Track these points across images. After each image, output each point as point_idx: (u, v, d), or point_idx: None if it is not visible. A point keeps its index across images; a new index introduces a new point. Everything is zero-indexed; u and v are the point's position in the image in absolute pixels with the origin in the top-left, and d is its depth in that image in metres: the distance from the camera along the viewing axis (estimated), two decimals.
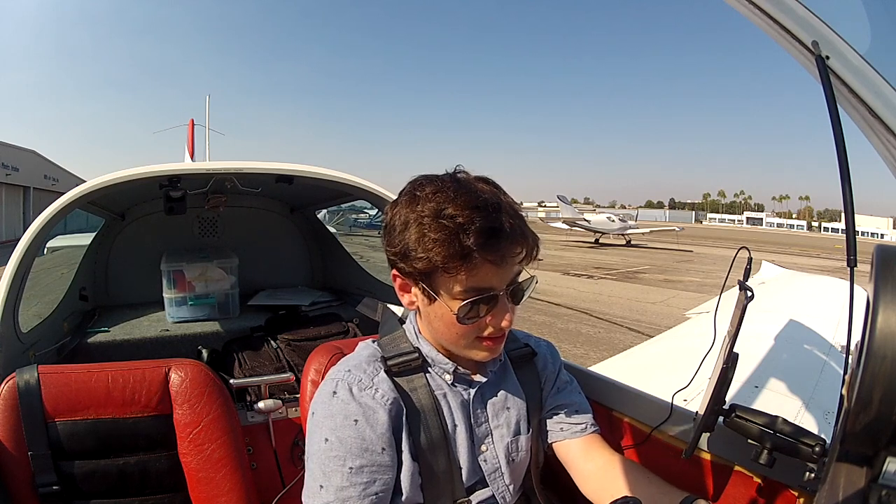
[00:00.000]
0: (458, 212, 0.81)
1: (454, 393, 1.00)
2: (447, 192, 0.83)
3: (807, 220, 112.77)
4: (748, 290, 0.88)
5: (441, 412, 0.96)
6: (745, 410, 0.99)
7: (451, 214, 0.81)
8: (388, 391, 0.93)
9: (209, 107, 8.62)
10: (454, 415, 0.98)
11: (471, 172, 0.92)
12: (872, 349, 0.56)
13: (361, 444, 0.87)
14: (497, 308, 0.88)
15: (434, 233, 0.81)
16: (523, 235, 0.85)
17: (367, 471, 0.86)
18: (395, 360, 0.97)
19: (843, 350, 1.29)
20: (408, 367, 0.97)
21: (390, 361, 0.97)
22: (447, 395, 0.99)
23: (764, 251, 25.76)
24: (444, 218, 0.81)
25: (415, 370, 0.97)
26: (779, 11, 0.81)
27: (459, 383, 1.00)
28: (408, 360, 0.97)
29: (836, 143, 0.78)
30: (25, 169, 23.36)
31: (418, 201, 0.84)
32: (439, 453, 0.95)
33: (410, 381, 0.96)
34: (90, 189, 1.67)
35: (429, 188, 0.85)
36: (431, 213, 0.82)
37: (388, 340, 1.03)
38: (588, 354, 6.76)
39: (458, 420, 0.98)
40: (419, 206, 0.84)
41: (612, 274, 15.96)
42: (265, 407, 1.64)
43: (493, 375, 1.04)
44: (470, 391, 1.00)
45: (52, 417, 1.24)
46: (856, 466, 0.68)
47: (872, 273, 0.60)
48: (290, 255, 3.23)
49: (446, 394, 0.99)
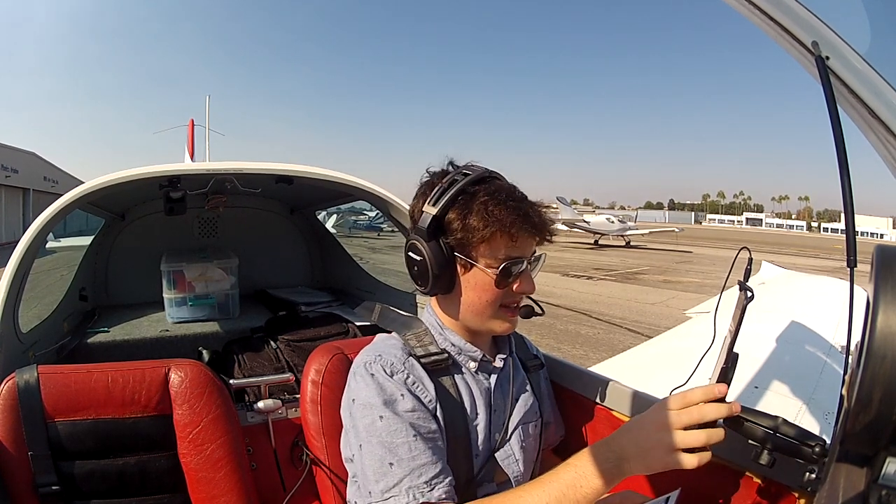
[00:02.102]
0: (505, 197, 0.98)
1: (477, 381, 1.07)
2: (492, 185, 1.01)
3: (806, 221, 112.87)
4: (748, 291, 0.88)
5: (465, 407, 1.03)
6: (745, 410, 0.99)
7: (502, 200, 0.97)
8: (421, 376, 1.00)
9: (209, 107, 8.61)
10: (476, 404, 1.05)
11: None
12: (872, 349, 0.57)
13: (414, 414, 0.94)
14: (524, 275, 1.02)
15: (492, 206, 0.96)
16: (544, 220, 1.02)
17: (429, 436, 0.94)
18: (426, 359, 1.03)
19: (843, 350, 1.29)
20: (438, 366, 1.03)
21: (423, 360, 1.03)
22: (472, 386, 1.06)
23: (764, 251, 25.75)
24: (498, 201, 0.97)
25: (444, 371, 1.04)
26: (779, 12, 0.81)
27: (482, 371, 1.09)
28: (438, 361, 1.03)
29: (836, 143, 0.78)
30: (25, 171, 23.37)
31: (475, 192, 0.99)
32: (460, 443, 1.00)
33: (441, 381, 1.03)
34: (90, 189, 1.67)
35: (479, 185, 1.00)
36: (489, 197, 0.97)
37: (412, 337, 1.07)
38: (588, 355, 6.76)
39: (479, 409, 1.05)
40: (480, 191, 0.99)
41: (611, 275, 15.96)
42: (265, 407, 1.64)
43: (508, 363, 1.12)
44: (491, 379, 1.09)
45: (51, 417, 1.24)
46: (856, 467, 0.68)
47: (872, 273, 0.60)
48: (290, 255, 3.23)
49: (471, 385, 1.06)
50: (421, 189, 1.05)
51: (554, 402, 1.29)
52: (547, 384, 1.28)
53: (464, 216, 0.97)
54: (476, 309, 1.03)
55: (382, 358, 1.00)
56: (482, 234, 0.96)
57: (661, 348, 3.24)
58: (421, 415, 0.95)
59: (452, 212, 0.98)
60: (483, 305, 1.02)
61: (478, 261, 0.99)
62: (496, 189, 0.99)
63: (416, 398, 0.97)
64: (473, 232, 0.96)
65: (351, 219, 10.93)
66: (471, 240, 0.97)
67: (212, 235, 3.01)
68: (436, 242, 0.99)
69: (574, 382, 1.34)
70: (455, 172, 1.02)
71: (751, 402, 2.06)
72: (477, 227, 0.96)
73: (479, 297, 1.01)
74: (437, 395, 1.00)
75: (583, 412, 1.31)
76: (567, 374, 1.36)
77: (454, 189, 0.98)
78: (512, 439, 1.08)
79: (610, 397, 1.29)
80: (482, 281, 1.00)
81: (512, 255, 0.99)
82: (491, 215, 0.95)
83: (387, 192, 2.07)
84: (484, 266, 0.99)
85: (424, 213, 1.00)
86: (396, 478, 0.89)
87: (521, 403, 1.12)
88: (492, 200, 0.96)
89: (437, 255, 0.99)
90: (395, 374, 0.98)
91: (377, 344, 1.08)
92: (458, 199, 0.98)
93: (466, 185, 0.98)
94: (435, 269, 0.99)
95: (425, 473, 0.90)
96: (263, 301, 2.89)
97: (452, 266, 1.00)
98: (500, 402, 1.09)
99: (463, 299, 1.02)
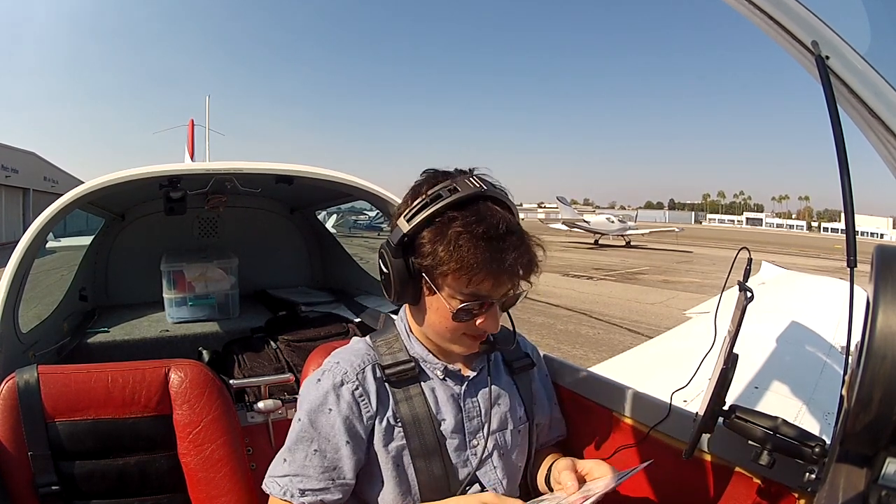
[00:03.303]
0: (481, 233, 0.89)
1: (444, 387, 1.04)
2: (475, 213, 0.91)
3: (806, 221, 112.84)
4: (748, 291, 0.88)
5: (432, 416, 1.01)
6: (745, 411, 0.99)
7: (478, 237, 0.89)
8: (370, 390, 0.99)
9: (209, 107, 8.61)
10: (442, 409, 1.02)
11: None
12: (872, 349, 0.57)
13: (329, 431, 0.96)
14: (489, 313, 0.96)
15: (464, 243, 0.89)
16: (521, 262, 0.93)
17: (329, 457, 0.96)
18: (392, 369, 1.02)
19: (843, 350, 1.29)
20: (405, 376, 1.02)
21: (388, 371, 1.01)
22: (438, 394, 1.03)
23: (764, 252, 25.76)
24: (473, 237, 0.89)
25: (411, 380, 1.02)
26: (779, 11, 0.81)
27: (449, 377, 1.05)
28: (405, 370, 1.02)
29: (836, 143, 0.78)
30: (25, 171, 23.35)
31: (454, 218, 0.91)
32: (434, 458, 1.00)
33: (407, 391, 1.01)
34: (90, 189, 1.67)
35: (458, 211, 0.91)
36: (465, 230, 0.89)
37: (382, 343, 1.06)
38: (587, 355, 6.75)
39: (447, 415, 1.02)
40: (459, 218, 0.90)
41: (611, 275, 15.96)
42: (265, 407, 1.64)
43: (484, 372, 1.08)
44: (460, 386, 1.05)
45: (51, 417, 1.24)
46: (856, 467, 0.68)
47: (872, 273, 0.60)
48: (290, 255, 3.24)
49: (438, 392, 1.03)
50: (408, 193, 0.98)
51: (555, 401, 1.26)
52: (543, 383, 1.24)
53: (434, 242, 0.90)
54: (437, 330, 0.99)
55: (339, 365, 1.00)
56: (447, 266, 0.90)
57: (660, 349, 3.24)
58: (338, 434, 0.96)
59: (426, 232, 0.91)
60: (443, 330, 0.98)
61: (442, 289, 0.94)
62: (476, 220, 0.90)
63: (348, 413, 0.96)
64: (440, 261, 0.90)
65: (351, 219, 10.92)
66: (438, 267, 0.91)
67: (212, 235, 3.01)
68: (402, 260, 0.94)
69: (574, 382, 1.35)
70: (443, 186, 0.93)
71: (751, 402, 2.07)
72: (444, 258, 0.90)
73: (439, 321, 0.97)
74: (395, 405, 0.99)
75: (583, 412, 1.31)
76: (567, 374, 1.36)
77: (431, 210, 0.91)
78: (490, 447, 1.05)
79: (610, 397, 1.29)
80: (443, 309, 0.95)
81: (479, 293, 0.92)
82: (458, 251, 0.88)
83: (387, 192, 2.08)
84: (446, 297, 0.93)
85: (397, 226, 0.94)
86: (283, 471, 0.98)
87: (500, 409, 1.08)
88: (465, 234, 0.89)
89: (401, 273, 0.94)
90: (346, 383, 0.98)
91: (344, 349, 1.07)
92: (434, 221, 0.91)
93: (446, 207, 0.90)
94: (397, 286, 0.96)
95: (305, 483, 0.96)
96: (263, 301, 2.89)
97: (418, 283, 0.95)
98: (473, 408, 1.05)
99: (427, 317, 0.99)
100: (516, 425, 1.09)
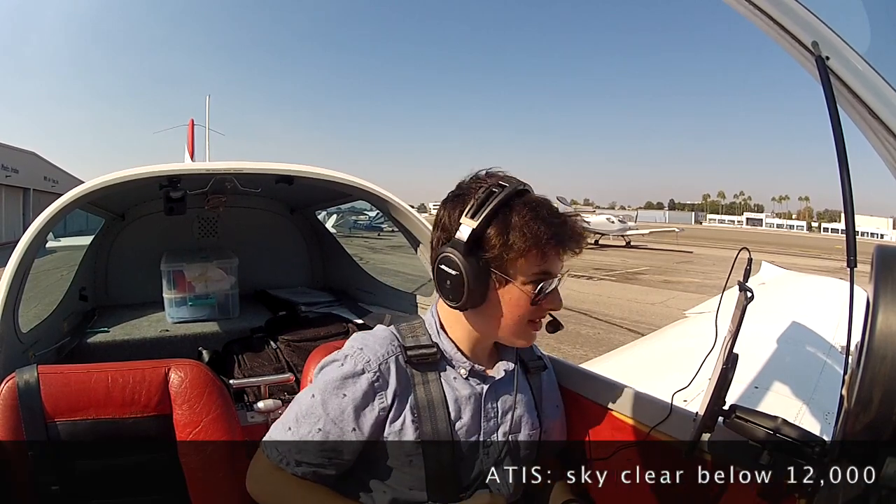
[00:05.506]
0: (546, 214, 0.98)
1: (466, 385, 1.05)
2: (530, 201, 1.00)
3: (807, 221, 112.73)
4: (748, 291, 0.88)
5: (448, 405, 1.02)
6: (745, 411, 0.99)
7: (543, 216, 0.97)
8: (390, 380, 1.00)
9: (209, 107, 8.63)
10: (461, 406, 1.03)
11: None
12: (872, 349, 0.57)
13: (338, 415, 0.98)
14: (554, 291, 1.02)
15: (533, 223, 0.96)
16: (580, 234, 1.03)
17: (332, 440, 0.99)
18: (414, 351, 1.03)
19: (843, 350, 1.29)
20: (425, 360, 1.03)
21: (410, 352, 1.03)
22: (458, 388, 1.04)
23: (764, 252, 25.74)
24: (539, 217, 0.97)
25: (431, 365, 1.04)
26: (779, 12, 0.81)
27: (473, 377, 1.06)
28: (426, 354, 1.04)
29: (836, 143, 0.78)
30: (25, 170, 23.35)
31: (514, 206, 0.98)
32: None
33: (424, 375, 1.03)
34: (90, 189, 1.67)
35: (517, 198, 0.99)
36: (529, 212, 0.97)
37: (407, 328, 1.08)
38: (587, 356, 6.74)
39: (465, 412, 1.04)
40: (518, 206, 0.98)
41: (611, 275, 15.97)
42: (265, 407, 1.64)
43: (509, 375, 1.09)
44: (483, 386, 1.06)
45: (51, 417, 1.24)
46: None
47: (872, 273, 0.60)
48: (291, 255, 3.23)
49: (458, 386, 1.04)
50: (451, 198, 1.02)
51: (561, 404, 1.26)
52: (550, 386, 1.25)
53: (504, 231, 0.96)
54: (506, 324, 1.02)
55: (363, 353, 1.01)
56: (520, 248, 0.95)
57: (660, 348, 3.24)
58: (346, 420, 0.98)
59: (492, 226, 0.96)
60: (514, 321, 1.01)
61: (515, 277, 0.98)
62: (536, 204, 0.98)
63: (362, 402, 0.98)
64: (512, 248, 0.96)
65: (351, 219, 10.94)
66: (508, 256, 0.96)
67: (212, 235, 3.01)
68: (473, 257, 0.97)
69: (574, 382, 1.34)
70: (491, 183, 0.99)
71: (751, 402, 2.06)
72: (516, 243, 0.95)
73: (511, 312, 1.00)
74: (413, 389, 1.02)
75: (583, 412, 1.31)
76: (567, 373, 1.36)
77: (494, 202, 0.96)
78: (503, 449, 1.06)
79: (610, 397, 1.29)
80: (516, 297, 0.99)
81: (547, 271, 0.99)
82: (531, 232, 0.95)
83: (387, 192, 2.08)
84: (520, 284, 0.98)
85: (462, 225, 0.97)
86: (283, 437, 1.01)
87: (518, 413, 1.09)
88: (532, 216, 0.96)
89: (475, 270, 0.97)
90: (366, 372, 0.99)
91: (368, 334, 1.08)
92: (498, 214, 0.96)
93: (506, 198, 0.97)
94: (472, 285, 0.97)
95: (303, 456, 0.99)
96: (263, 301, 2.89)
97: (488, 281, 0.99)
98: (492, 409, 1.07)
99: (492, 314, 1.01)
100: (530, 430, 1.11)
